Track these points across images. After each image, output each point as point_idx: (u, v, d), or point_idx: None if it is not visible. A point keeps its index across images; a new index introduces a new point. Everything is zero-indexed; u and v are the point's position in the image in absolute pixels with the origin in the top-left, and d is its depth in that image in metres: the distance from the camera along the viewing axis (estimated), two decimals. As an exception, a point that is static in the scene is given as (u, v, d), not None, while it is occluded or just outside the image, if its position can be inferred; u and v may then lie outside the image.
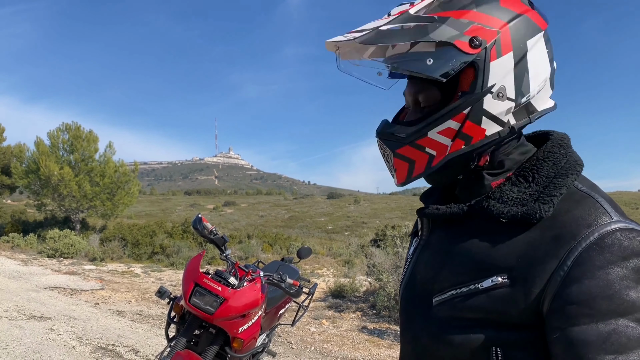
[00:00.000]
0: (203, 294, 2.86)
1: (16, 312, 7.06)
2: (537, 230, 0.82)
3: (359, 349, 5.99)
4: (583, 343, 0.73)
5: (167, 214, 52.59)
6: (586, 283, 0.74)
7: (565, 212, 0.82)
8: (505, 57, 0.85)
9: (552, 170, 0.87)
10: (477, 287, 0.84)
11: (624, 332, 0.71)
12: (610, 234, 0.76)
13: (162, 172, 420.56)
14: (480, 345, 0.84)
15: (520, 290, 0.80)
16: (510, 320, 0.81)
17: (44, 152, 21.62)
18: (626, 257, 0.74)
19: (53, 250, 15.86)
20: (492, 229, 0.87)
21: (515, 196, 0.86)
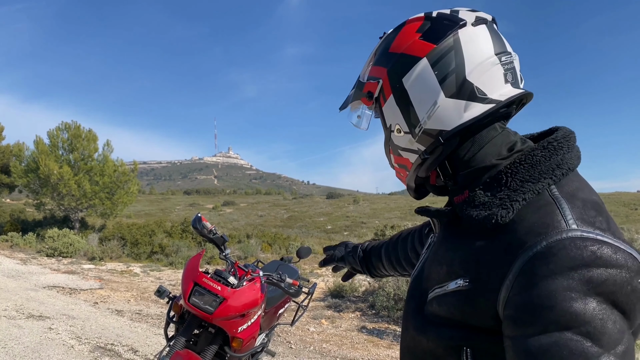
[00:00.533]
0: (202, 293, 2.86)
1: (15, 311, 7.05)
2: (498, 236, 0.83)
3: (358, 348, 5.99)
4: (526, 353, 0.72)
5: (166, 214, 52.53)
6: (529, 293, 0.73)
7: (522, 219, 0.82)
8: (389, 100, 0.97)
9: (527, 173, 0.86)
10: (445, 288, 0.88)
11: (567, 346, 0.69)
12: (559, 243, 0.74)
13: (162, 172, 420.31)
14: (451, 343, 0.86)
15: (479, 294, 0.81)
16: (475, 323, 0.83)
17: (44, 151, 21.58)
18: (573, 267, 0.71)
19: (52, 250, 15.84)
20: (468, 231, 0.90)
21: (485, 200, 0.87)
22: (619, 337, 0.70)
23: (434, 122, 0.92)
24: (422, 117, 0.93)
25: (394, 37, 0.98)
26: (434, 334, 0.90)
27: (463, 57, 0.90)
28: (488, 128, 0.94)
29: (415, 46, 0.93)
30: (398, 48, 0.95)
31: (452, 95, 0.90)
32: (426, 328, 0.92)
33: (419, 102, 0.93)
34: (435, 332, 0.89)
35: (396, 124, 0.97)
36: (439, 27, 0.93)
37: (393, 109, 0.96)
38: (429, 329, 0.91)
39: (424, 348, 0.93)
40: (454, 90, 0.90)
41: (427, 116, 0.92)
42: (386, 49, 0.98)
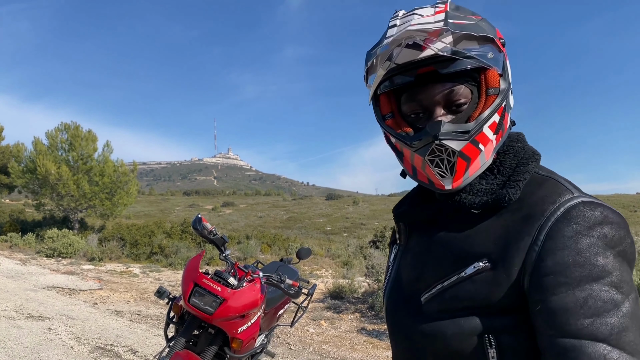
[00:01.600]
0: (202, 294, 2.86)
1: (14, 312, 7.05)
2: (508, 214, 0.89)
3: (357, 350, 5.99)
4: (562, 310, 0.78)
5: (166, 214, 52.53)
6: (559, 253, 0.80)
7: (530, 194, 0.89)
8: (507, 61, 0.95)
9: (514, 161, 0.96)
10: (461, 276, 0.89)
11: (598, 296, 0.77)
12: (574, 207, 0.83)
13: (161, 173, 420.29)
14: (473, 334, 0.87)
15: (502, 271, 0.85)
16: (497, 304, 0.85)
17: (42, 151, 21.60)
18: (591, 226, 0.81)
19: (51, 250, 15.85)
20: (466, 219, 0.94)
21: (484, 187, 0.93)
22: (631, 284, 0.80)
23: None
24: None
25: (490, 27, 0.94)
26: (452, 330, 0.89)
27: None
28: None
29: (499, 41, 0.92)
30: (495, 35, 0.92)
31: None
32: (439, 328, 0.91)
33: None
34: (453, 327, 0.89)
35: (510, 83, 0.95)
36: None
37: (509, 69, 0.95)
38: (443, 326, 0.91)
39: (438, 351, 0.92)
40: None
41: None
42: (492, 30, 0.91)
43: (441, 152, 0.90)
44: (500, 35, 0.93)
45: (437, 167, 0.92)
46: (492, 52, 0.88)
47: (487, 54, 0.88)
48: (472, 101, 0.92)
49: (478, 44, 0.87)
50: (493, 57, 0.88)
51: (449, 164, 0.91)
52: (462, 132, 0.89)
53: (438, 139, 0.88)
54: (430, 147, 0.89)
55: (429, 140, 0.89)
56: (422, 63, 0.88)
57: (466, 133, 0.88)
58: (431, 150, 0.90)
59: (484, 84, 0.91)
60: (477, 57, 0.87)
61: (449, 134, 0.88)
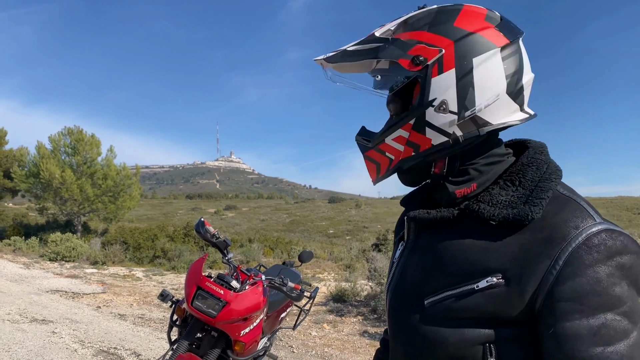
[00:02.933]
0: (205, 297, 2.89)
1: (18, 315, 7.08)
2: (528, 232, 0.87)
3: (360, 353, 6.00)
4: (575, 337, 0.79)
5: (169, 218, 52.59)
6: (577, 281, 0.80)
7: (553, 214, 0.87)
8: (447, 73, 0.91)
9: (536, 175, 0.93)
10: (472, 288, 0.88)
11: (612, 326, 0.78)
12: (596, 235, 0.82)
13: (164, 176, 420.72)
14: (474, 343, 0.88)
15: (515, 290, 0.84)
16: (504, 318, 0.86)
17: (45, 155, 21.66)
18: (610, 255, 0.81)
19: (55, 254, 15.88)
20: (483, 231, 0.92)
21: (504, 199, 0.91)
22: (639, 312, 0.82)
23: (487, 113, 0.93)
24: (480, 104, 0.91)
25: (456, 14, 0.94)
26: (454, 337, 0.90)
27: (523, 64, 0.95)
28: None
29: (491, 33, 0.92)
30: (468, 27, 0.92)
31: (510, 94, 0.93)
32: (441, 333, 0.92)
33: (481, 88, 0.91)
34: (455, 335, 0.90)
35: (442, 100, 0.91)
36: (510, 26, 0.95)
37: (448, 83, 0.91)
38: (445, 333, 0.91)
39: (436, 356, 0.93)
40: (513, 90, 0.93)
41: (485, 105, 0.92)
42: (449, 22, 0.93)
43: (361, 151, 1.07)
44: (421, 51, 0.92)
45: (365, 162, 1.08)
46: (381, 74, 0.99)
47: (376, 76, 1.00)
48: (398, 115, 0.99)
49: (389, 65, 0.97)
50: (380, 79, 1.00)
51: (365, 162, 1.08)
52: (367, 140, 1.04)
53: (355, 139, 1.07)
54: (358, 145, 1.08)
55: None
56: None
57: (368, 142, 1.03)
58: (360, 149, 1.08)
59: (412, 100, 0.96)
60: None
61: (358, 139, 1.07)
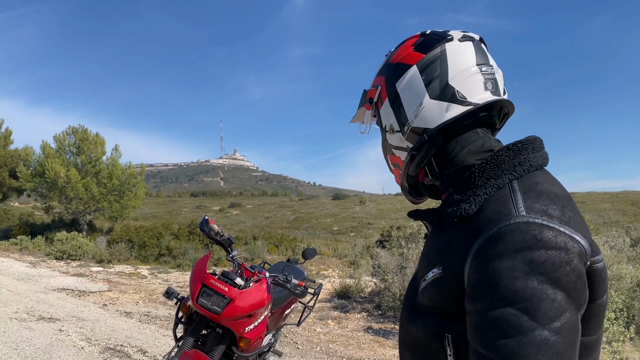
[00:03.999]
0: (210, 294, 2.91)
1: (25, 314, 7.15)
2: (462, 227, 0.94)
3: (364, 349, 6.03)
4: (474, 326, 0.83)
5: (174, 216, 52.76)
6: (480, 273, 0.84)
7: (482, 210, 0.92)
8: (385, 103, 1.12)
9: (493, 172, 0.97)
10: (425, 279, 0.99)
11: (505, 319, 0.78)
12: (507, 228, 0.83)
13: (168, 174, 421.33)
14: (435, 332, 0.95)
15: (450, 280, 0.92)
16: (452, 308, 0.92)
17: (50, 154, 21.77)
18: (517, 249, 0.80)
19: (61, 252, 15.98)
20: (447, 227, 1.01)
21: (457, 198, 0.98)
22: (556, 314, 0.77)
23: (420, 120, 1.06)
24: (410, 117, 1.07)
25: (394, 51, 1.14)
26: (421, 323, 0.99)
27: (447, 65, 1.04)
28: (470, 132, 1.06)
29: (409, 56, 1.08)
30: (395, 59, 1.11)
31: (436, 97, 1.04)
32: (415, 319, 1.01)
33: (408, 104, 1.07)
34: (422, 321, 0.98)
35: (390, 124, 1.11)
36: (429, 40, 1.08)
37: (388, 110, 1.11)
38: (417, 319, 1.00)
39: (414, 338, 1.01)
40: (438, 93, 1.03)
41: (414, 115, 1.06)
42: (387, 61, 1.14)
43: None
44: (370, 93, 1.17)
45: None
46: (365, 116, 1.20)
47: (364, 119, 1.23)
48: None
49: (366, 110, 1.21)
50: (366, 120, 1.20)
51: None
52: None
53: None
54: None
55: None
56: None
57: None
58: None
59: None
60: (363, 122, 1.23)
61: None
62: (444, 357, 0.93)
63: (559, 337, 0.77)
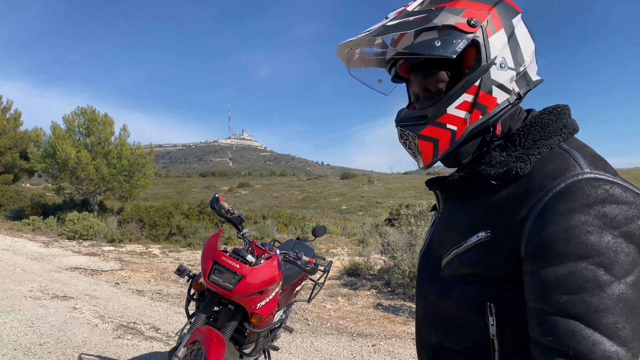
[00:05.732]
0: (222, 271, 2.93)
1: (40, 292, 7.26)
2: (515, 187, 0.91)
3: (374, 325, 6.08)
4: (543, 284, 0.81)
5: (183, 196, 53.06)
6: (549, 229, 0.81)
7: (539, 168, 0.91)
8: (499, 33, 0.97)
9: (539, 134, 0.97)
10: (467, 244, 0.94)
11: (580, 274, 0.77)
12: (576, 183, 0.82)
13: (177, 155, 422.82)
14: (475, 300, 0.93)
15: (501, 242, 0.89)
16: (497, 274, 0.90)
17: (60, 135, 21.85)
18: (589, 204, 0.80)
19: (72, 232, 16.16)
20: (484, 191, 0.98)
21: (502, 159, 0.96)
22: (630, 267, 0.77)
23: (532, 68, 1.02)
24: (527, 60, 1.00)
25: None
26: (455, 293, 0.96)
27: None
28: None
29: (510, 2, 1.01)
30: None
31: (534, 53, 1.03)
32: (447, 291, 0.98)
33: (524, 46, 0.99)
34: (458, 291, 0.95)
35: (503, 57, 0.97)
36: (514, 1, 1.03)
37: (502, 42, 0.97)
38: (451, 290, 0.97)
39: (445, 312, 0.99)
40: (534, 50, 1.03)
41: (530, 60, 1.01)
42: None
43: (406, 136, 1.02)
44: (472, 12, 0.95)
45: (409, 149, 1.04)
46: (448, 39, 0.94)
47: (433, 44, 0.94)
48: (452, 82, 0.99)
49: (438, 32, 0.95)
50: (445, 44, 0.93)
51: (414, 146, 1.02)
52: (419, 117, 0.99)
53: (398, 125, 1.02)
54: (399, 132, 1.04)
55: (396, 126, 1.04)
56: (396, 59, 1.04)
57: (424, 118, 0.98)
58: (400, 135, 1.04)
59: (464, 65, 0.98)
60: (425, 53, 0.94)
61: (406, 120, 1.01)
62: (481, 328, 0.92)
63: (633, 291, 0.77)
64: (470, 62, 0.97)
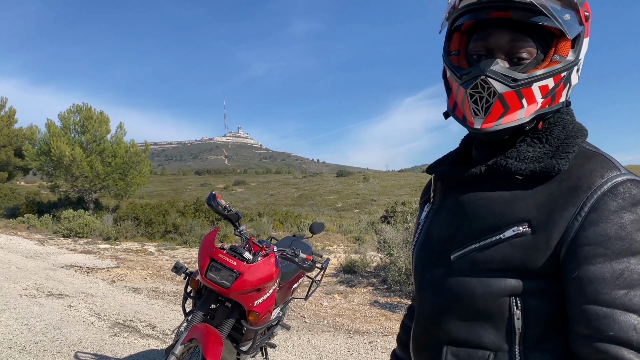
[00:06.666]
0: (219, 268, 2.92)
1: (35, 290, 7.23)
2: (555, 183, 0.91)
3: (370, 322, 6.09)
4: (599, 280, 0.83)
5: (179, 194, 52.96)
6: (602, 226, 0.84)
7: (579, 166, 0.91)
8: (587, 40, 0.96)
9: (563, 133, 0.97)
10: (499, 238, 0.92)
11: (635, 270, 0.81)
12: (622, 184, 0.86)
13: (172, 152, 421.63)
14: (501, 295, 0.92)
15: (542, 237, 0.88)
16: (531, 268, 0.90)
17: (55, 133, 21.75)
18: (635, 203, 0.84)
19: (68, 230, 16.09)
20: (510, 185, 0.95)
21: (531, 155, 0.95)
22: None
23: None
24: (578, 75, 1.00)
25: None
26: (480, 289, 0.93)
27: None
28: None
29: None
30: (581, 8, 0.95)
31: None
32: (468, 285, 0.95)
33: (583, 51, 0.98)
34: (482, 287, 0.93)
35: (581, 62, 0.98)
36: None
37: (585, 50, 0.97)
38: (472, 285, 0.94)
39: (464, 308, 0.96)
40: None
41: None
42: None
43: (483, 89, 0.92)
44: (587, 8, 0.93)
45: (474, 103, 0.94)
46: (572, 19, 0.90)
47: (565, 16, 0.89)
48: (535, 60, 0.94)
49: (562, 5, 0.89)
50: (570, 23, 0.89)
51: (487, 103, 0.93)
52: (510, 78, 0.91)
53: (485, 74, 0.91)
54: (475, 80, 0.92)
55: (477, 74, 0.92)
56: (500, 5, 0.91)
57: (514, 80, 0.91)
58: (475, 85, 0.92)
59: (552, 49, 0.93)
60: (556, 17, 0.87)
61: (497, 74, 0.91)
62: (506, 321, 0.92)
63: None
64: (562, 50, 0.93)
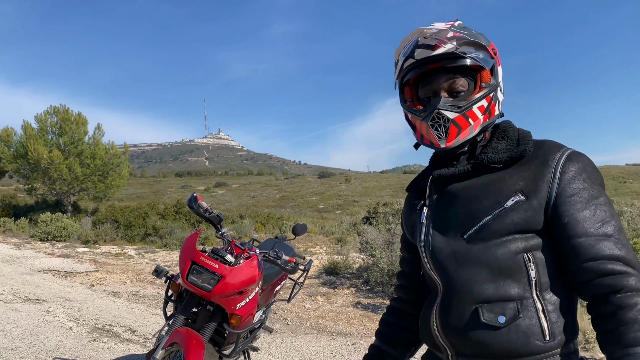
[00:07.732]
0: (200, 271, 2.89)
1: (11, 295, 7.08)
2: (528, 162, 1.23)
3: (353, 324, 6.08)
4: (584, 219, 1.16)
5: (159, 196, 52.35)
6: (573, 182, 1.18)
7: (539, 148, 1.25)
8: (500, 67, 1.31)
9: (515, 132, 1.32)
10: (503, 208, 1.20)
11: (601, 209, 1.17)
12: (572, 153, 1.22)
13: (152, 154, 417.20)
14: (516, 253, 1.19)
15: (534, 200, 1.18)
16: (533, 228, 1.19)
17: (32, 135, 21.38)
18: (585, 165, 1.21)
19: (45, 234, 15.82)
20: (492, 172, 1.27)
21: (502, 148, 1.28)
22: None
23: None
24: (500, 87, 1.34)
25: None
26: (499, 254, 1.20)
27: None
28: None
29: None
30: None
31: None
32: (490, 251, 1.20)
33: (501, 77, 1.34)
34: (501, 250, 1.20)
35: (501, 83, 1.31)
36: None
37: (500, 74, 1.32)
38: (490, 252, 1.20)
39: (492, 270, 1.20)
40: None
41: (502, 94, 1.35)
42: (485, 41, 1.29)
43: (439, 118, 1.25)
44: (493, 47, 1.28)
45: (436, 130, 1.27)
46: (485, 56, 1.25)
47: (480, 55, 1.24)
48: (469, 90, 1.26)
49: (475, 49, 1.24)
50: (484, 59, 1.25)
51: (444, 128, 1.26)
52: (456, 106, 1.24)
53: (437, 108, 1.24)
54: (432, 114, 1.25)
55: (432, 109, 1.25)
56: (434, 59, 1.24)
57: (459, 107, 1.24)
58: (432, 117, 1.25)
59: (479, 80, 1.26)
60: (474, 57, 1.23)
61: (446, 106, 1.24)
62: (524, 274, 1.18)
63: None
64: (486, 79, 1.26)
